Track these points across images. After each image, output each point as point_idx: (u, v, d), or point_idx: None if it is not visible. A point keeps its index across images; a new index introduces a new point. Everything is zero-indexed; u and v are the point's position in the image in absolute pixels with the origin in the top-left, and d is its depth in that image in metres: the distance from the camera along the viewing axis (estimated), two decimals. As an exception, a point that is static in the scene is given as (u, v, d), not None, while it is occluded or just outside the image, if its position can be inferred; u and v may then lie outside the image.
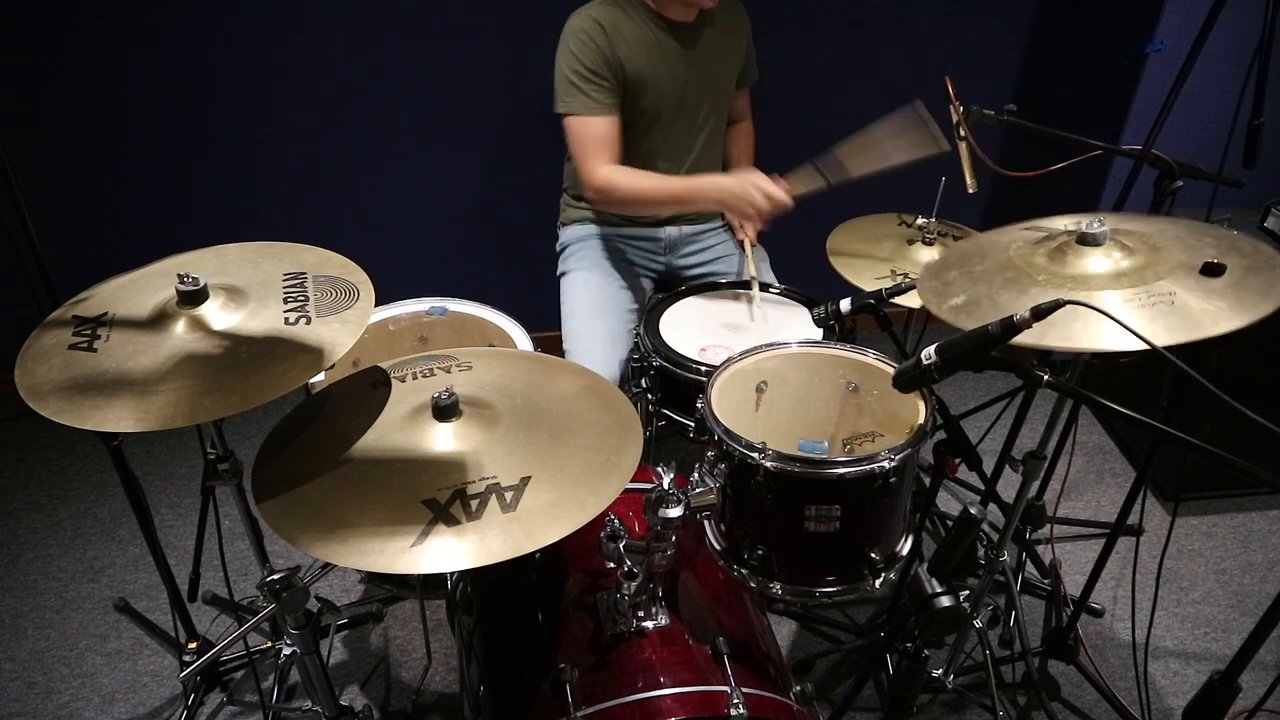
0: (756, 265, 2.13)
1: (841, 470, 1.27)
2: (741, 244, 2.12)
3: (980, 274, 1.29)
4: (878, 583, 1.36)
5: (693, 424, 1.46)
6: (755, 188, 1.82)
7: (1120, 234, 1.30)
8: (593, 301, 2.06)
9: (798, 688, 1.35)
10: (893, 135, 1.75)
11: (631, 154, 2.06)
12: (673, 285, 2.11)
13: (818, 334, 1.74)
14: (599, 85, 1.89)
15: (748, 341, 1.60)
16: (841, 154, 1.81)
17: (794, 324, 1.90)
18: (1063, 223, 1.35)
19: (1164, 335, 1.08)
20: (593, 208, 2.15)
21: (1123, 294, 1.15)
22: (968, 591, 1.35)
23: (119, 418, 1.07)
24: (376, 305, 1.30)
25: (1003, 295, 1.23)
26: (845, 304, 1.58)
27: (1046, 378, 1.05)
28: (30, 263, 1.47)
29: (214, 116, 2.51)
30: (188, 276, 1.22)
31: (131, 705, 1.93)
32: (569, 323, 2.07)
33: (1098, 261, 1.25)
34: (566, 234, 2.24)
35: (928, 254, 1.97)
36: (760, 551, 1.34)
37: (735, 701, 1.20)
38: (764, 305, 1.99)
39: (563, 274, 2.19)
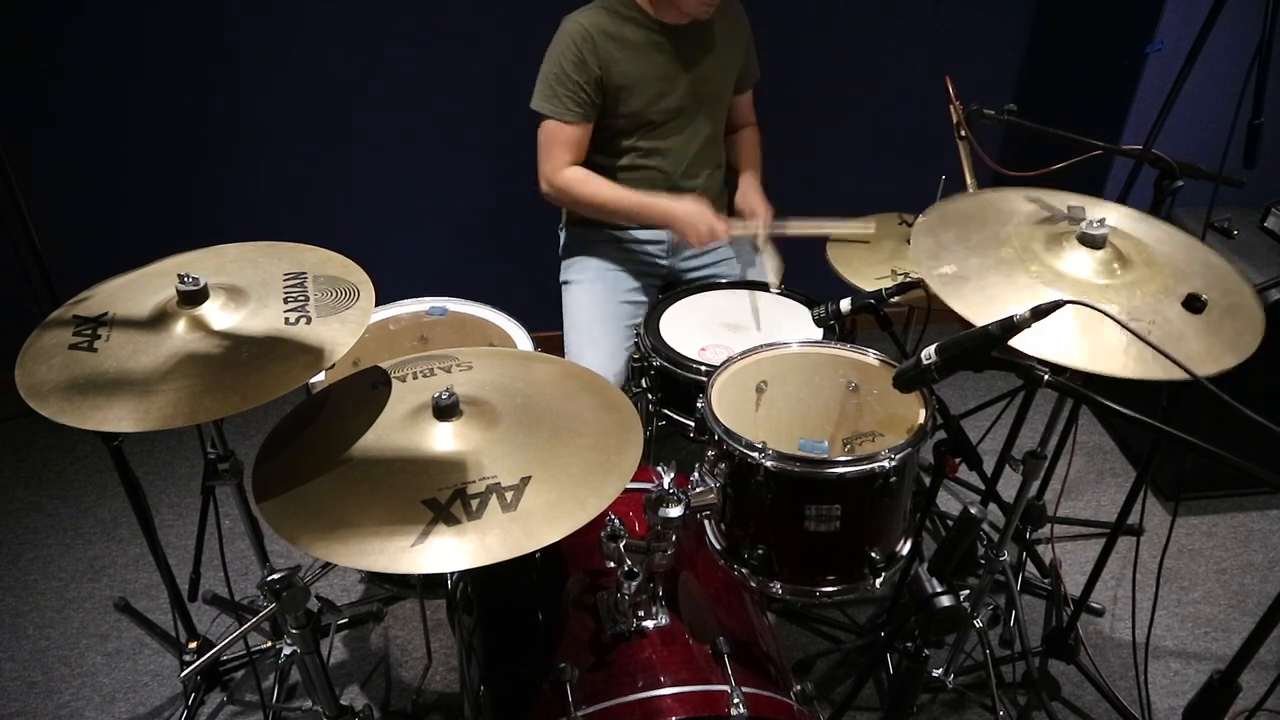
0: (762, 266, 2.13)
1: (841, 470, 1.27)
2: (755, 246, 2.11)
3: (976, 244, 1.30)
4: (878, 582, 1.36)
5: (693, 424, 1.46)
6: (703, 222, 1.95)
7: (1118, 236, 1.30)
8: (594, 315, 2.06)
9: (798, 687, 1.35)
10: (839, 222, 2.05)
11: (624, 156, 2.06)
12: (674, 289, 2.10)
13: (818, 334, 1.74)
14: (572, 94, 1.93)
15: (748, 341, 1.60)
16: (790, 222, 2.04)
17: (794, 324, 1.90)
18: (1065, 201, 1.36)
19: (1135, 360, 1.10)
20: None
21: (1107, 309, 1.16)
22: (968, 591, 1.35)
23: (119, 418, 1.07)
24: (376, 305, 1.30)
25: (992, 277, 1.24)
26: (845, 304, 1.58)
27: (1047, 377, 1.05)
28: (30, 263, 1.47)
29: (214, 116, 2.51)
30: (188, 276, 1.22)
31: (132, 705, 1.93)
32: (570, 335, 2.07)
33: (1090, 265, 1.25)
34: (568, 238, 2.24)
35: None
36: (760, 551, 1.34)
37: (735, 701, 1.20)
38: (762, 304, 1.98)
39: (565, 283, 2.18)
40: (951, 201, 1.44)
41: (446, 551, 1.01)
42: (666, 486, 1.25)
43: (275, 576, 1.16)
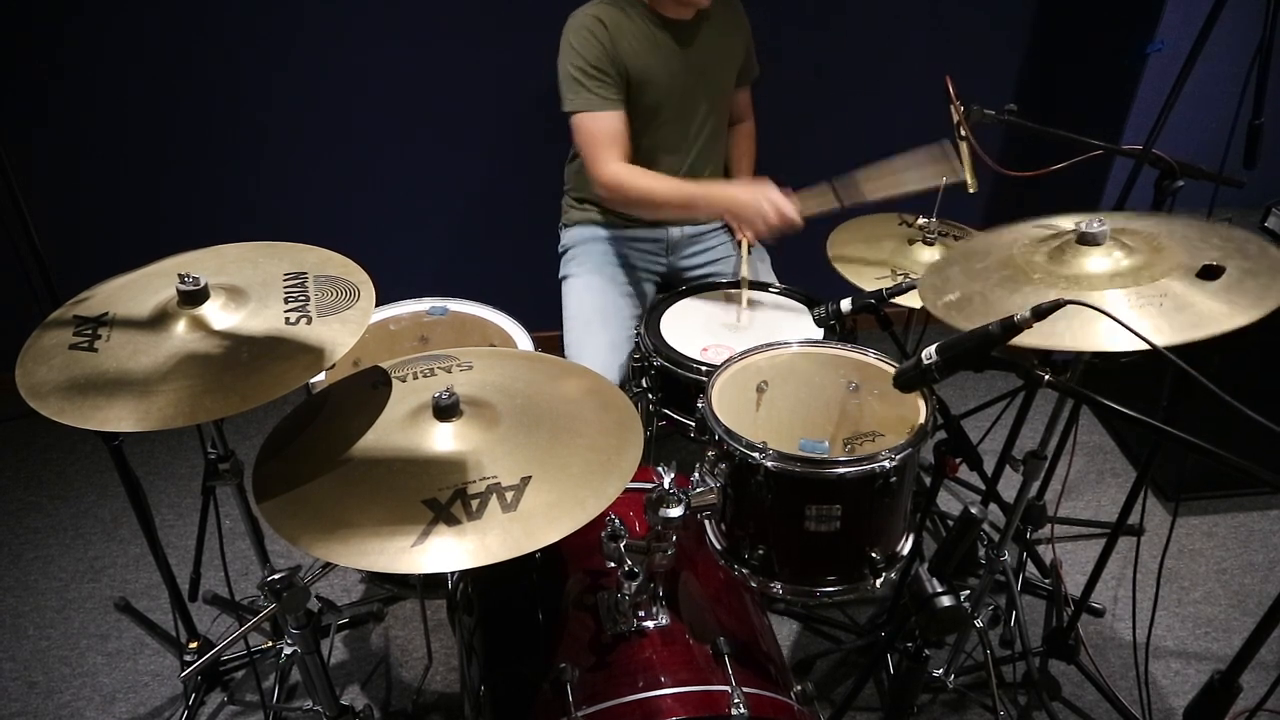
0: (755, 266, 2.14)
1: (842, 470, 1.27)
2: (739, 244, 2.12)
3: (979, 271, 1.29)
4: (878, 582, 1.36)
5: (693, 424, 1.46)
6: (768, 202, 1.79)
7: (1123, 233, 1.29)
8: (594, 307, 2.06)
9: (798, 687, 1.35)
10: (915, 165, 1.76)
11: (631, 150, 2.06)
12: (675, 286, 2.11)
13: (818, 334, 1.74)
14: (603, 81, 1.89)
15: (748, 341, 1.60)
16: (861, 177, 1.80)
17: (794, 324, 1.90)
18: (1073, 222, 1.35)
19: (1153, 337, 1.07)
20: (596, 209, 2.15)
21: (1114, 295, 1.14)
22: (968, 591, 1.35)
23: (119, 418, 1.07)
24: (377, 305, 1.30)
25: (996, 292, 1.23)
26: (846, 304, 1.57)
27: (1047, 378, 1.05)
28: (30, 263, 1.47)
29: (215, 116, 2.51)
30: (188, 276, 1.22)
31: (132, 705, 1.93)
32: (570, 328, 2.07)
33: (1096, 261, 1.24)
34: (568, 236, 2.24)
35: (928, 254, 1.96)
36: (761, 551, 1.34)
37: (736, 701, 1.20)
38: (762, 304, 1.98)
39: (564, 277, 2.19)
40: (956, 246, 1.43)
41: (446, 551, 1.01)
42: (667, 486, 1.25)
43: (275, 576, 1.16)
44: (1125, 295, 1.14)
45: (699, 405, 1.40)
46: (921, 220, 2.02)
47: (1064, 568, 2.25)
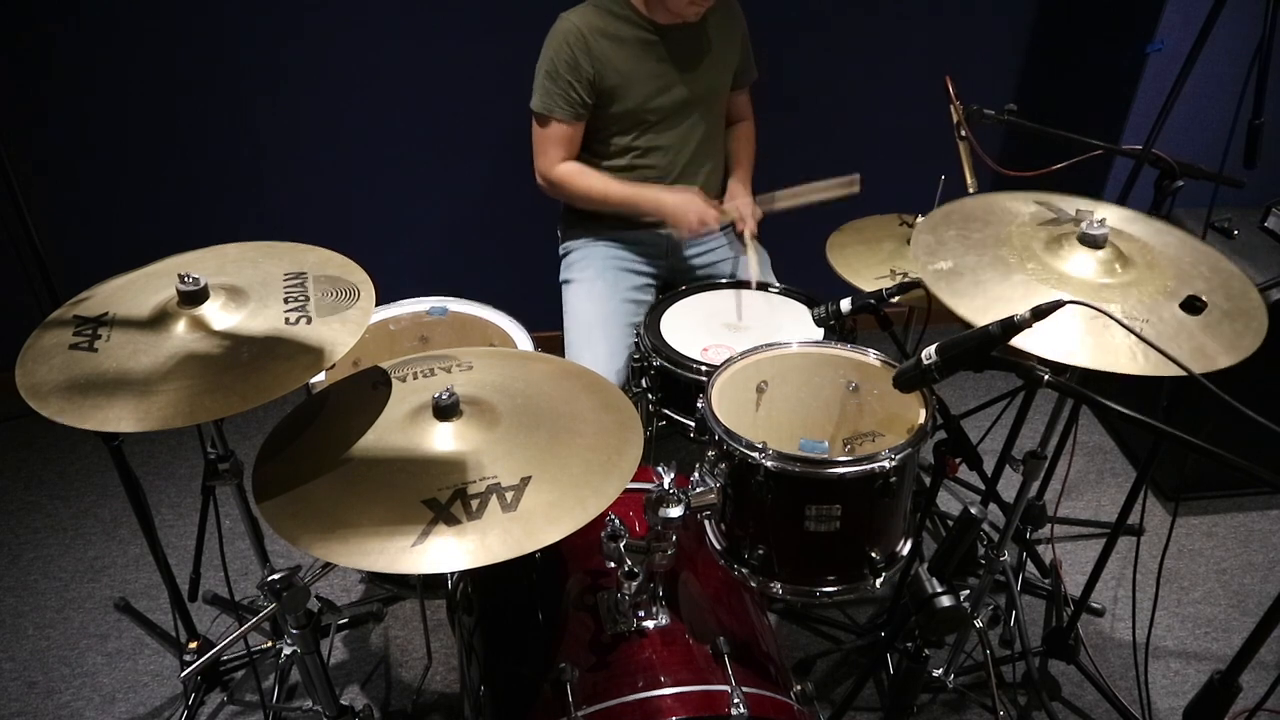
0: (750, 264, 2.13)
1: (842, 470, 1.27)
2: (742, 238, 2.12)
3: (975, 241, 1.29)
4: (878, 582, 1.36)
5: (693, 424, 1.46)
6: (693, 211, 1.99)
7: (1122, 238, 1.30)
8: (594, 314, 2.06)
9: (798, 687, 1.35)
10: (824, 189, 2.05)
11: (621, 155, 2.06)
12: (675, 288, 2.10)
13: (818, 334, 1.74)
14: (565, 92, 1.95)
15: (748, 341, 1.60)
16: (779, 195, 2.10)
17: (794, 324, 1.90)
18: (1074, 205, 1.35)
19: (1132, 357, 1.09)
20: (594, 213, 2.15)
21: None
22: (968, 591, 1.34)
23: (119, 418, 1.07)
24: (377, 305, 1.30)
25: (987, 274, 1.24)
26: (846, 304, 1.58)
27: (1047, 378, 1.05)
28: (30, 263, 1.47)
29: (215, 116, 2.51)
30: (188, 276, 1.22)
31: (132, 705, 1.93)
32: (570, 335, 2.07)
33: (1089, 264, 1.25)
34: (568, 239, 2.24)
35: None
36: (760, 551, 1.34)
37: (736, 701, 1.20)
38: (762, 304, 1.98)
39: (565, 282, 2.19)
40: (957, 202, 1.43)
41: (446, 551, 1.01)
42: (666, 486, 1.25)
43: (275, 576, 1.16)
44: (1114, 312, 1.15)
45: (699, 405, 1.40)
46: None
47: (1064, 568, 2.25)
